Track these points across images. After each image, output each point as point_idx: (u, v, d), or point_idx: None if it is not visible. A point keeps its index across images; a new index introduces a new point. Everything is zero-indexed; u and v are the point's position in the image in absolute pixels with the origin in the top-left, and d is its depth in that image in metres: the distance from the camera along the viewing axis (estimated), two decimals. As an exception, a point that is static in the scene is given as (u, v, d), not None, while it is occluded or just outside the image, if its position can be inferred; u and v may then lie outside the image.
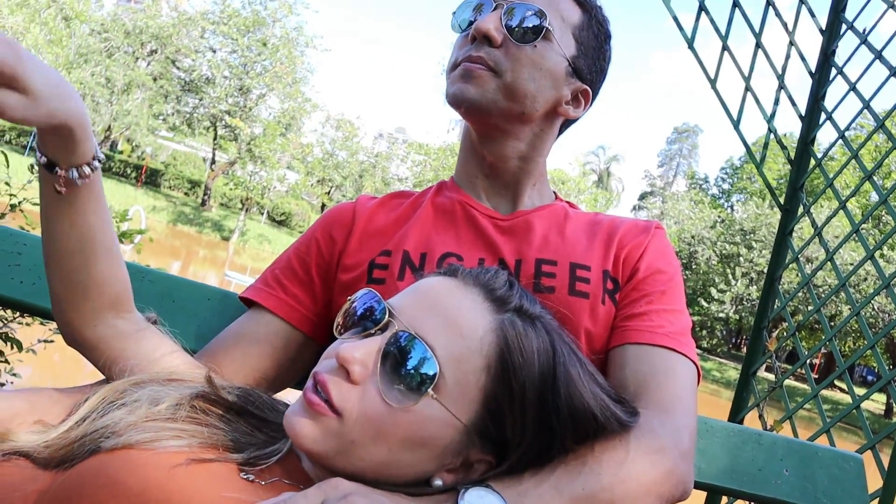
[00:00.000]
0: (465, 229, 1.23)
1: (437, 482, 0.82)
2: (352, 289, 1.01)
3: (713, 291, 37.31)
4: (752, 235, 36.45)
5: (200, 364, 1.03)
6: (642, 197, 74.27)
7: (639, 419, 0.91)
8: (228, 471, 0.78)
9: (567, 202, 1.33)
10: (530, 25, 1.17)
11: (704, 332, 41.20)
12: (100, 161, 0.91)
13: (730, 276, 36.88)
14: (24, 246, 1.32)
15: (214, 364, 1.10)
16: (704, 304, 38.15)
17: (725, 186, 58.78)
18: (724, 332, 41.02)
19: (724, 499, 2.64)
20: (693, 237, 41.06)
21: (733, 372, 34.98)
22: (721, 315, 37.52)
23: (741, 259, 36.48)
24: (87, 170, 0.89)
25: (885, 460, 2.21)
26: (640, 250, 1.19)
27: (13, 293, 1.27)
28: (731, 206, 54.26)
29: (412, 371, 0.79)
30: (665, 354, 1.06)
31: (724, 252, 38.40)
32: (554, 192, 1.34)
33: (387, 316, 0.83)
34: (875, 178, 2.44)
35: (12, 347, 3.20)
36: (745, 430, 1.42)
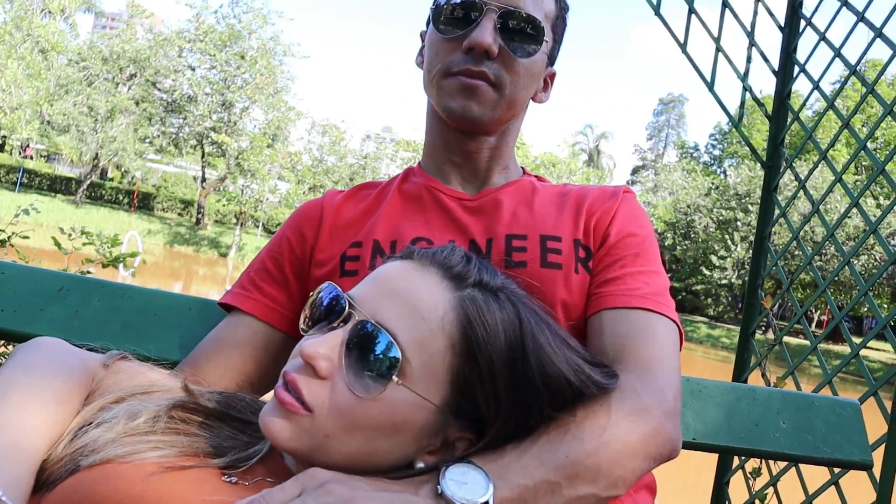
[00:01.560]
0: (433, 213, 1.23)
1: (419, 465, 0.82)
2: None
3: (714, 259, 37.31)
4: (747, 199, 36.45)
5: (178, 374, 1.03)
6: (634, 171, 74.19)
7: (618, 381, 0.91)
8: (209, 475, 0.78)
9: (535, 176, 1.34)
10: (528, 39, 1.17)
11: (709, 300, 41.23)
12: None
13: (729, 242, 36.89)
14: (3, 275, 1.32)
15: (198, 372, 1.11)
16: (706, 272, 38.16)
17: (716, 152, 58.67)
18: (730, 299, 41.03)
19: (736, 459, 2.65)
20: (689, 206, 41.06)
21: (742, 336, 35.01)
22: (724, 282, 37.54)
23: (738, 224, 36.50)
24: None
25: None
26: (610, 216, 1.19)
27: (-5, 321, 1.28)
28: (724, 172, 54.18)
29: (376, 359, 0.79)
30: (642, 316, 1.06)
31: (720, 218, 38.40)
32: (522, 168, 1.34)
33: (347, 307, 0.83)
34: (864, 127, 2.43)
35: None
36: (738, 387, 1.42)
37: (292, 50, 35.22)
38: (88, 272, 3.58)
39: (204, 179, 39.12)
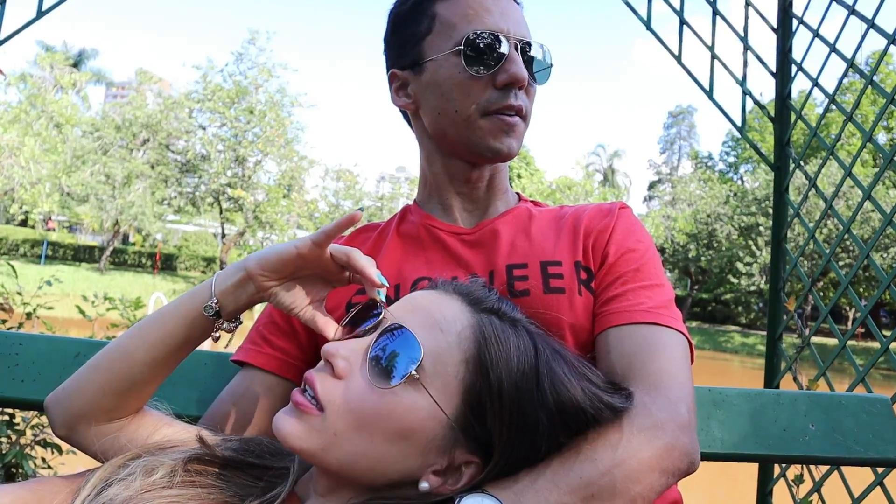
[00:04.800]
0: (433, 251, 1.24)
1: (424, 485, 0.82)
2: None
3: (740, 266, 36.89)
4: (766, 203, 36.11)
5: (194, 427, 1.04)
6: (651, 186, 73.90)
7: (633, 402, 0.90)
8: None
9: (532, 201, 1.34)
10: (541, 64, 1.21)
11: (740, 308, 40.74)
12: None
13: (753, 248, 36.49)
14: (21, 346, 1.34)
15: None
16: (734, 280, 37.73)
17: (731, 159, 58.38)
18: (760, 305, 40.49)
19: (777, 468, 2.59)
20: (709, 216, 40.74)
21: (777, 342, 34.51)
22: (753, 288, 37.08)
23: (761, 228, 36.13)
24: (237, 323, 1.04)
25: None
26: (607, 234, 1.18)
27: (15, 392, 1.30)
28: (741, 178, 53.83)
29: (397, 356, 0.82)
30: (647, 330, 1.05)
31: (742, 224, 38.06)
32: (518, 194, 1.34)
33: (378, 318, 0.88)
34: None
35: (52, 452, 3.25)
36: (762, 393, 1.40)
37: (299, 100, 35.60)
38: (113, 337, 3.63)
39: (224, 235, 39.48)
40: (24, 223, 46.68)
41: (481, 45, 1.15)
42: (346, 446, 0.80)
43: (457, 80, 1.17)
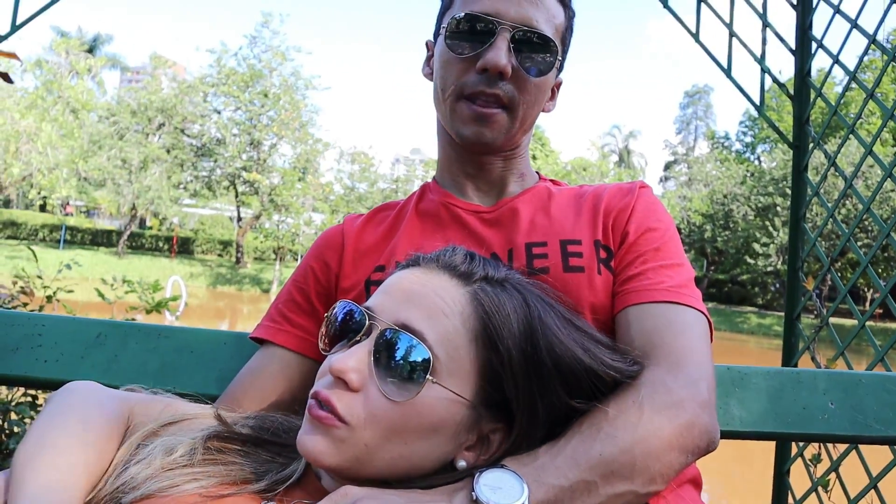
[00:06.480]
0: (452, 229, 1.23)
1: (461, 463, 0.83)
2: None
3: (756, 247, 36.58)
4: (784, 183, 35.73)
5: (207, 405, 1.04)
6: (667, 167, 73.32)
7: (641, 368, 0.92)
8: (248, 501, 0.80)
9: (551, 180, 1.33)
10: (541, 57, 1.16)
11: (756, 288, 40.45)
12: None
13: (770, 228, 36.17)
14: (44, 327, 1.36)
15: (236, 406, 1.12)
16: (750, 261, 37.45)
17: (748, 139, 57.73)
18: (777, 285, 40.18)
19: (794, 447, 2.58)
20: (725, 196, 40.38)
21: (794, 323, 34.30)
22: (770, 269, 36.80)
23: (778, 209, 35.78)
24: None
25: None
26: (628, 213, 1.18)
27: (38, 373, 1.32)
28: (758, 158, 53.25)
29: (406, 363, 0.80)
30: (667, 309, 1.04)
31: (759, 205, 37.70)
32: (537, 172, 1.34)
33: (367, 319, 0.85)
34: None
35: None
36: (782, 372, 1.39)
37: (313, 83, 35.61)
38: (133, 319, 3.67)
39: (240, 219, 39.67)
40: (42, 208, 47.10)
41: (464, 28, 1.15)
42: (380, 454, 0.80)
43: (444, 58, 1.20)
